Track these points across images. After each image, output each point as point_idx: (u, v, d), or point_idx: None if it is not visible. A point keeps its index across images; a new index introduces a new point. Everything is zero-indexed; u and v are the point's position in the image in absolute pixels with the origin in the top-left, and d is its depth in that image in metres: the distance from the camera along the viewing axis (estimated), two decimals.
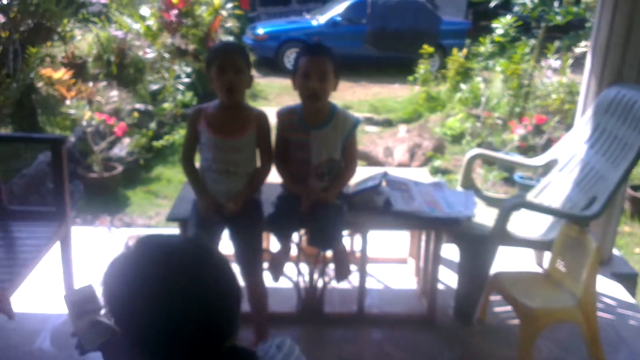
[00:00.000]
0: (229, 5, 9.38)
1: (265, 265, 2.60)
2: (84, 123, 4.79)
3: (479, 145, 6.03)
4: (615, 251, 3.52)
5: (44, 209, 3.06)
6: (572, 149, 3.15)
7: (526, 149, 5.59)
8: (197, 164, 2.51)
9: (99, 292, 1.07)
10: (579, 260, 2.55)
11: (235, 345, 1.08)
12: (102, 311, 1.33)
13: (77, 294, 1.42)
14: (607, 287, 3.19)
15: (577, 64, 6.43)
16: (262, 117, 2.43)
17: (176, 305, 0.99)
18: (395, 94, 9.34)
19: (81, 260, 3.17)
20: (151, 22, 8.05)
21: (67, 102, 5.16)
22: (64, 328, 2.69)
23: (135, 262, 1.04)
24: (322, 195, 2.46)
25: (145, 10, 8.23)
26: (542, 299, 2.53)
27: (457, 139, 6.62)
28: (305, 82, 2.37)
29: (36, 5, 5.33)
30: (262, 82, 9.83)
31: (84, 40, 7.39)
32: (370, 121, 7.82)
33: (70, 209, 2.92)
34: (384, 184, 2.76)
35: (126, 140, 5.43)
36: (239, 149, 2.39)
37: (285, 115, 2.53)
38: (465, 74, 8.15)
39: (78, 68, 6.43)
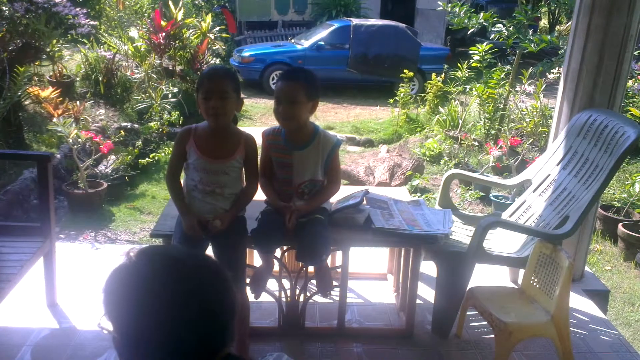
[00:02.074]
0: (216, 28, 9.54)
1: (247, 280, 2.65)
2: (70, 140, 4.82)
3: (457, 166, 6.17)
4: (587, 269, 3.62)
5: (28, 225, 3.07)
6: (545, 170, 3.27)
7: (501, 169, 5.74)
8: (182, 182, 2.57)
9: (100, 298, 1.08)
10: (552, 277, 2.63)
11: (230, 354, 1.09)
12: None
13: None
14: (580, 304, 3.28)
15: (550, 88, 6.64)
16: (250, 141, 2.49)
17: (175, 315, 1.01)
18: (377, 116, 9.51)
19: (64, 276, 3.20)
20: (139, 44, 8.15)
21: (54, 120, 5.19)
22: (45, 343, 2.71)
23: (136, 272, 1.05)
24: (303, 208, 2.53)
25: (133, 32, 8.33)
26: (516, 315, 2.60)
27: (436, 159, 6.76)
28: (277, 105, 2.49)
29: (25, 25, 5.39)
30: (248, 103, 9.94)
31: (73, 60, 7.45)
32: (352, 141, 7.96)
33: (54, 225, 2.94)
34: (364, 202, 2.83)
35: (112, 158, 5.47)
36: (226, 172, 2.44)
37: (270, 135, 2.62)
38: (443, 98, 8.37)
39: (65, 87, 6.47)
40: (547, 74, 6.39)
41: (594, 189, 2.83)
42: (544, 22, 20.64)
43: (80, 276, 3.34)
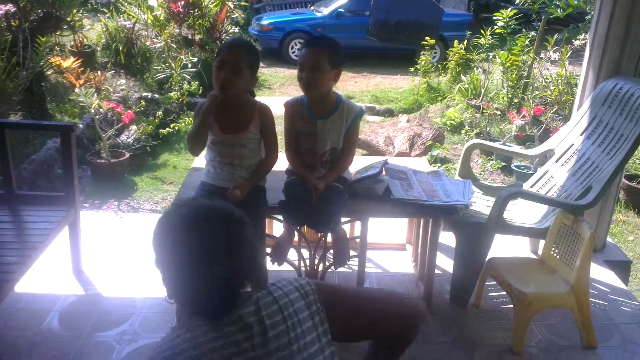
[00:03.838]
0: None
1: (268, 250, 2.69)
2: (92, 111, 4.87)
3: (478, 135, 6.10)
4: (609, 239, 3.59)
5: (53, 194, 3.13)
6: (569, 140, 3.22)
7: (524, 139, 5.67)
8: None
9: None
10: (572, 247, 2.62)
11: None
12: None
13: None
14: (601, 274, 3.26)
15: (576, 55, 6.48)
16: (264, 110, 2.49)
17: (206, 250, 1.25)
18: (397, 85, 9.40)
19: (89, 244, 3.28)
20: (159, 12, 8.12)
21: (76, 90, 5.24)
22: (71, 309, 2.79)
23: (176, 215, 1.30)
24: (325, 183, 2.53)
25: (153, 1, 8.30)
26: (535, 285, 2.60)
27: (457, 128, 6.69)
28: (300, 73, 2.48)
29: None
30: (267, 72, 9.89)
31: (93, 30, 7.47)
32: (372, 111, 7.90)
33: (78, 194, 3.00)
34: (384, 172, 2.83)
35: (133, 128, 5.52)
36: (243, 144, 2.46)
37: (293, 106, 2.61)
38: (465, 66, 8.21)
39: (86, 57, 6.50)
40: (572, 40, 6.22)
41: (618, 159, 2.79)
42: None
43: (105, 244, 3.42)
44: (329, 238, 2.77)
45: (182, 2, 8.03)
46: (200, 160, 3.03)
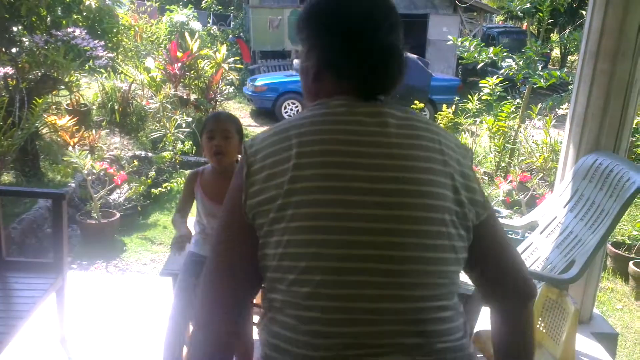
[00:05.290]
0: (231, 58, 9.73)
1: (255, 319, 2.68)
2: (85, 172, 4.92)
3: None
4: (596, 310, 3.60)
5: (41, 261, 3.12)
6: (552, 212, 3.28)
7: (511, 204, 5.74)
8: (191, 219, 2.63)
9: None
10: (558, 321, 2.63)
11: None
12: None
13: None
14: (588, 347, 3.25)
15: (562, 119, 6.64)
16: None
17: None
18: None
19: (75, 308, 3.25)
20: (155, 74, 8.33)
21: (70, 149, 5.30)
22: None
23: None
24: None
25: (150, 62, 8.52)
26: None
27: None
28: None
29: (44, 56, 5.55)
30: (260, 131, 10.06)
31: (89, 89, 7.62)
32: None
33: (67, 261, 2.99)
34: None
35: (125, 187, 5.56)
36: None
37: None
38: (454, 129, 8.41)
39: (82, 115, 6.61)
40: (556, 109, 6.41)
41: (600, 234, 2.83)
42: (555, 53, 20.70)
43: (91, 309, 3.40)
44: None
45: (179, 65, 8.25)
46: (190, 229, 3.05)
